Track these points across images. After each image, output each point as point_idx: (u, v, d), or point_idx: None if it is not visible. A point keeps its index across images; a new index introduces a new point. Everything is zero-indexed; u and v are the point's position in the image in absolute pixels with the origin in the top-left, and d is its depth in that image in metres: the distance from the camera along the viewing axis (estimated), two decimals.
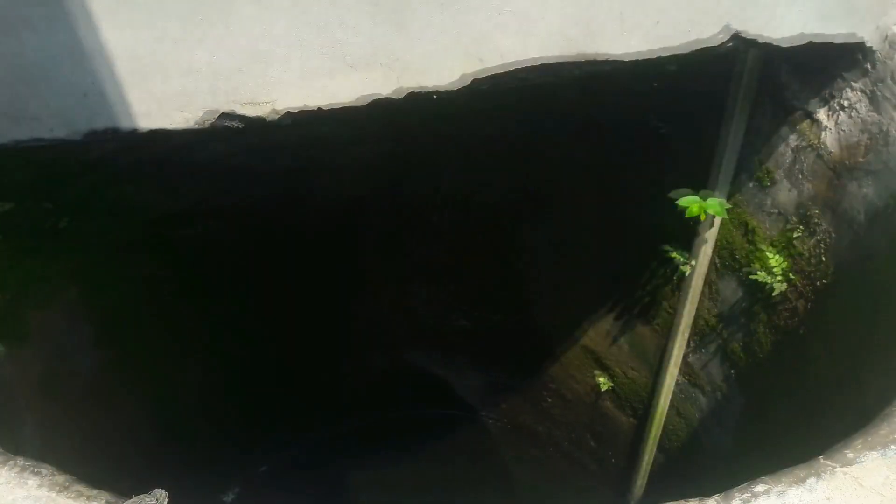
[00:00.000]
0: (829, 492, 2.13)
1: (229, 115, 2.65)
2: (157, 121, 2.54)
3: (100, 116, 2.44)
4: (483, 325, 6.82)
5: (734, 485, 4.68)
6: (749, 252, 4.58)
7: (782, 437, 4.57)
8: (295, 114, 2.76)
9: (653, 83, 4.15)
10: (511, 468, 7.29)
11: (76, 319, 4.21)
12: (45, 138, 2.40)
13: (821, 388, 4.18)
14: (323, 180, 5.18)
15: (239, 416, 6.33)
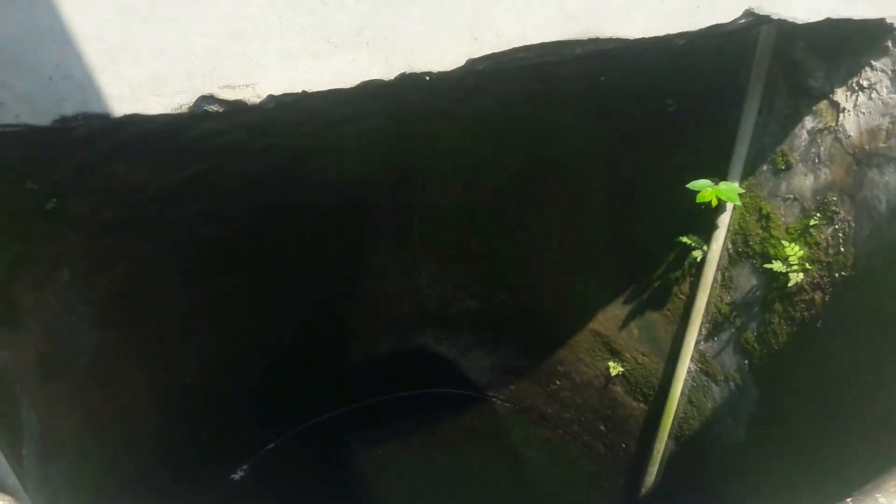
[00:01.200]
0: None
1: (207, 98, 2.52)
2: (130, 105, 2.41)
3: (68, 102, 2.31)
4: (490, 306, 6.70)
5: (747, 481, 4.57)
6: (763, 239, 4.38)
7: (798, 433, 4.42)
8: (278, 97, 2.61)
9: (662, 61, 3.94)
10: (519, 450, 7.20)
11: (72, 301, 4.16)
12: (10, 124, 2.28)
13: (840, 385, 4.01)
14: (323, 158, 5.05)
15: (245, 395, 6.31)
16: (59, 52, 2.22)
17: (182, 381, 5.50)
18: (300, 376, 6.65)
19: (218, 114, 2.62)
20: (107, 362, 4.55)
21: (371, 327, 6.69)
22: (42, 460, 3.71)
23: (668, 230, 5.06)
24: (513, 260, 6.36)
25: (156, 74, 2.39)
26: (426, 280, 6.51)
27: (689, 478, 5.76)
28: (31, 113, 2.30)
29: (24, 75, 2.23)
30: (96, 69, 2.31)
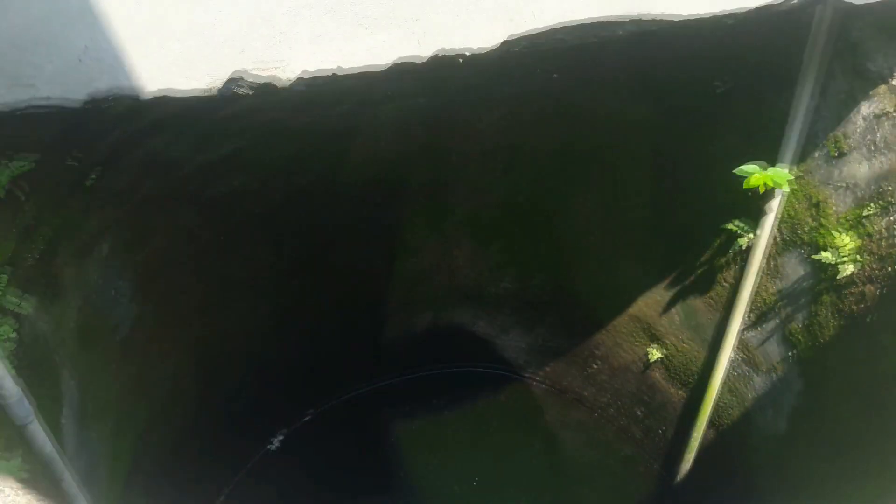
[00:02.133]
0: None
1: (236, 80, 2.49)
2: (159, 86, 2.41)
3: (98, 82, 2.32)
4: (528, 287, 6.62)
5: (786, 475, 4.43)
6: (814, 228, 4.19)
7: (842, 430, 4.26)
8: (308, 80, 2.57)
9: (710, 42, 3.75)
10: (554, 431, 7.17)
11: (111, 274, 4.23)
12: (42, 105, 2.29)
13: (889, 383, 3.84)
14: (361, 137, 5.01)
15: (282, 367, 6.39)
16: (88, 33, 2.22)
17: (220, 352, 5.59)
18: (337, 350, 6.71)
19: (249, 94, 2.59)
20: (145, 334, 4.64)
21: (408, 304, 6.69)
22: (80, 429, 3.82)
23: (714, 215, 4.90)
24: (552, 242, 6.26)
25: (185, 55, 2.37)
26: (463, 259, 6.46)
27: (726, 467, 5.65)
28: (61, 93, 2.31)
29: (54, 56, 2.23)
30: (126, 50, 2.30)
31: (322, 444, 6.86)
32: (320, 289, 6.06)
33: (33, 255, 3.52)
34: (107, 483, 4.16)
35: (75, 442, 3.70)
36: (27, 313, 3.31)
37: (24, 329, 3.35)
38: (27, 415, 2.99)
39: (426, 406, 7.25)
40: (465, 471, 6.81)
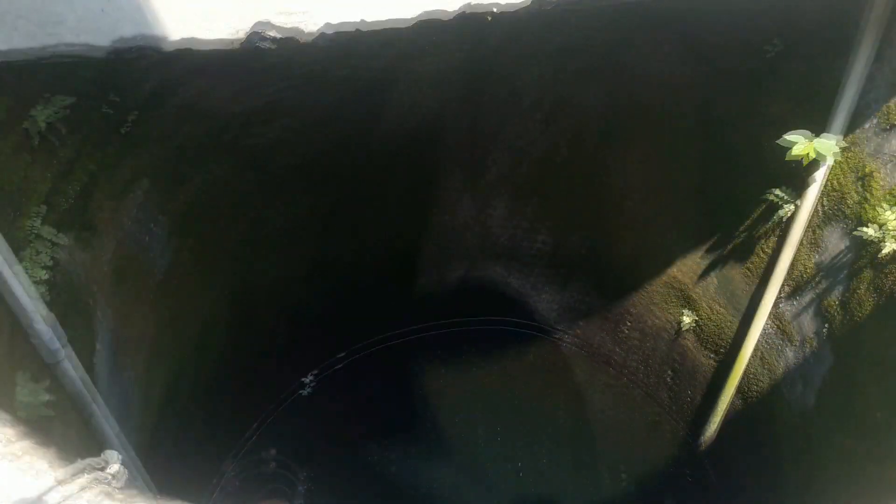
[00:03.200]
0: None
1: (259, 33, 2.47)
2: (183, 35, 2.40)
3: (121, 31, 2.32)
4: (563, 246, 6.56)
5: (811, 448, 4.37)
6: (860, 201, 4.03)
7: (871, 410, 4.16)
8: (331, 35, 2.53)
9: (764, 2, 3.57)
10: (582, 390, 7.18)
11: (149, 214, 4.32)
12: (67, 52, 2.31)
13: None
14: (399, 91, 4.95)
15: (316, 313, 6.50)
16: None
17: (254, 296, 5.71)
18: (370, 299, 6.79)
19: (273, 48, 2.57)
20: (181, 274, 4.75)
21: (441, 258, 6.70)
22: (113, 367, 3.96)
23: (757, 183, 4.74)
24: (590, 202, 6.16)
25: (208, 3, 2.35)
26: (498, 217, 6.41)
27: (752, 437, 5.60)
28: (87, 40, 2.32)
29: (77, 5, 2.24)
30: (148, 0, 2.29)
31: (352, 388, 7.02)
32: (355, 239, 6.10)
33: (69, 196, 3.61)
34: (139, 419, 4.34)
35: (108, 380, 3.84)
36: (61, 255, 3.41)
37: (58, 269, 3.46)
38: (58, 352, 3.10)
39: (455, 359, 7.32)
40: (490, 423, 6.90)
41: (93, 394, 3.42)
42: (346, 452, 6.57)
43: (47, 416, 2.73)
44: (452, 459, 6.64)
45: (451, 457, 6.66)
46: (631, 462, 6.82)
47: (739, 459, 5.86)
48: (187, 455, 5.25)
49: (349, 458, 6.54)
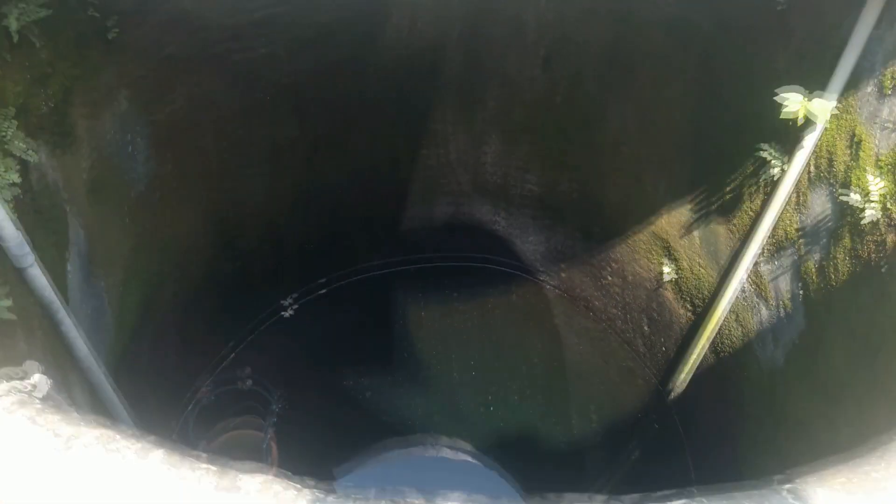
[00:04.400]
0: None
1: None
2: None
3: None
4: (554, 190, 6.52)
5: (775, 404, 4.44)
6: (849, 167, 3.98)
7: (834, 372, 4.22)
8: None
9: None
10: (561, 334, 7.27)
11: (129, 131, 4.26)
12: None
13: (889, 334, 3.75)
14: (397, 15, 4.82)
15: (300, 238, 6.50)
16: None
17: (237, 219, 5.69)
18: (355, 230, 6.79)
19: None
20: (161, 191, 4.72)
21: (429, 194, 6.66)
22: (87, 277, 3.97)
23: (751, 140, 4.67)
24: (584, 147, 6.08)
25: None
26: (490, 156, 6.34)
27: (720, 391, 5.71)
28: None
29: None
30: None
31: (332, 314, 7.09)
32: (342, 168, 6.05)
33: (48, 103, 3.55)
34: (114, 331, 4.38)
35: (81, 290, 3.86)
36: (36, 161, 3.37)
37: (32, 176, 3.43)
38: (26, 258, 3.10)
39: (438, 294, 7.38)
40: (466, 357, 7.02)
41: (63, 302, 3.44)
42: (321, 375, 6.70)
43: (9, 319, 2.74)
44: (426, 390, 6.78)
45: (426, 387, 6.79)
46: (601, 405, 6.97)
47: (706, 412, 5.99)
48: (163, 372, 5.34)
49: (325, 382, 6.67)
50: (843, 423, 3.92)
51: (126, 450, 1.80)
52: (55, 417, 1.85)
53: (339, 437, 6.43)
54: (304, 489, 1.79)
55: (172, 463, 1.79)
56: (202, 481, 1.77)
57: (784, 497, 1.72)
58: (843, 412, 3.96)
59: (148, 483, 1.75)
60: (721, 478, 5.64)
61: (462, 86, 5.73)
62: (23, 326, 2.94)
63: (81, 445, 1.79)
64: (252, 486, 1.78)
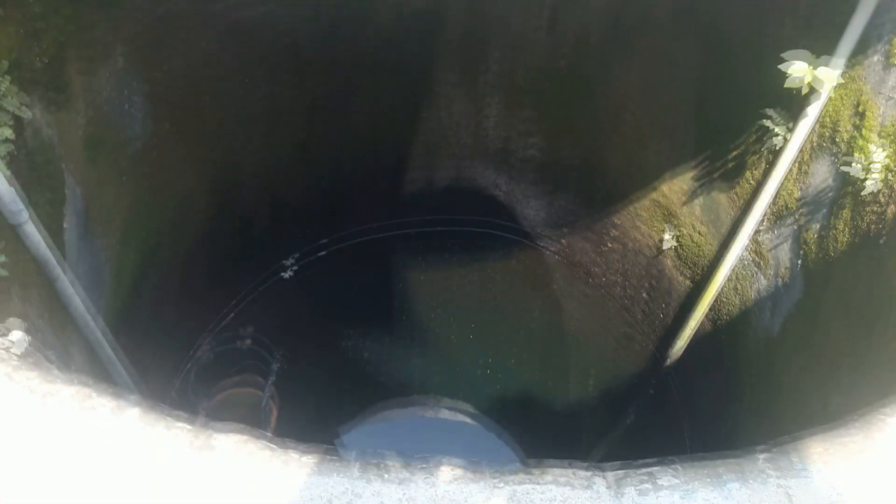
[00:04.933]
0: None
1: None
2: None
3: None
4: (555, 156, 6.47)
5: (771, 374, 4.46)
6: (852, 137, 3.93)
7: (828, 342, 4.24)
8: None
9: None
10: (560, 300, 7.29)
11: (125, 89, 4.23)
12: None
13: (885, 307, 3.74)
14: None
15: (300, 201, 6.49)
16: None
17: (236, 179, 5.67)
18: (355, 193, 6.76)
19: None
20: (159, 151, 4.70)
21: (430, 158, 6.61)
22: (84, 234, 3.98)
23: (754, 108, 4.60)
24: (587, 112, 6.01)
25: None
26: (492, 120, 6.28)
27: (716, 359, 5.73)
28: None
29: None
30: None
31: (332, 279, 7.11)
32: (342, 129, 6.00)
33: (41, 59, 3.51)
34: (111, 289, 4.41)
35: (78, 247, 3.87)
36: (30, 117, 3.35)
37: (27, 132, 3.41)
38: (21, 214, 3.11)
39: (438, 258, 7.38)
40: (466, 321, 7.06)
41: (58, 259, 3.46)
42: (321, 336, 6.76)
43: (2, 275, 2.76)
44: (425, 352, 6.84)
45: (424, 349, 6.85)
46: (599, 371, 7.03)
47: (702, 380, 6.02)
48: (162, 330, 5.38)
49: (324, 342, 6.74)
50: (836, 392, 3.94)
51: (102, 407, 1.82)
52: (32, 374, 1.86)
53: (338, 396, 6.52)
54: (278, 449, 1.81)
55: (148, 421, 1.81)
56: (178, 439, 1.79)
57: (760, 465, 1.74)
58: (837, 382, 3.98)
59: (122, 440, 1.77)
60: (716, 444, 5.71)
61: (464, 47, 5.65)
62: (17, 283, 2.95)
63: (57, 402, 1.82)
64: (227, 445, 1.80)
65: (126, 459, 1.74)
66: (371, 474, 1.76)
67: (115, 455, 1.75)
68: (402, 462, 1.75)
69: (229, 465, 1.76)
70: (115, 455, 1.75)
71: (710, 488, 1.69)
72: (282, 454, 1.79)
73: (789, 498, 1.68)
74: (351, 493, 1.73)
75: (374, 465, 1.77)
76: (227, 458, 1.77)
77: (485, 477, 1.75)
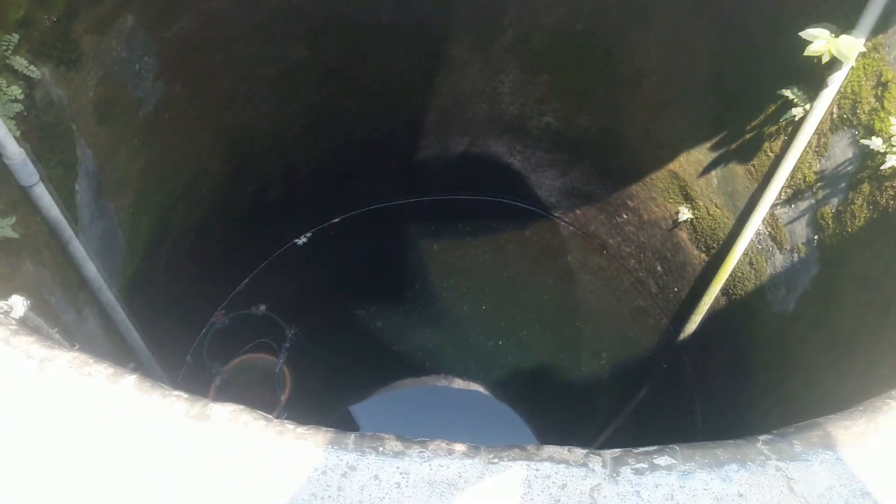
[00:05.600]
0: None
1: None
2: None
3: None
4: (571, 126, 6.37)
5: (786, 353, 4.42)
6: (873, 110, 3.82)
7: (844, 321, 4.17)
8: None
9: None
10: (573, 272, 7.25)
11: (136, 49, 4.20)
12: None
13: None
14: None
15: (314, 168, 6.48)
16: None
17: (248, 145, 5.66)
18: (369, 161, 6.74)
19: None
20: (171, 114, 4.69)
21: (444, 126, 6.55)
22: (97, 197, 4.00)
23: (774, 78, 4.49)
24: (604, 80, 5.90)
25: None
26: (507, 87, 6.18)
27: (730, 335, 5.68)
28: None
29: None
30: None
31: (345, 248, 7.13)
32: (355, 95, 5.95)
33: (50, 17, 3.50)
34: (125, 253, 4.44)
35: (90, 210, 3.90)
36: (39, 77, 3.35)
37: (36, 93, 3.41)
38: (32, 176, 3.12)
39: (451, 228, 7.36)
40: (478, 292, 7.04)
41: (71, 221, 3.48)
42: (334, 303, 6.80)
43: (13, 237, 2.78)
44: (437, 324, 6.84)
45: (437, 321, 6.85)
46: (612, 345, 6.99)
47: (716, 356, 5.98)
48: (176, 295, 5.43)
49: (337, 309, 6.77)
50: (850, 373, 3.88)
51: (98, 374, 1.83)
52: (29, 339, 1.88)
53: (350, 364, 6.56)
54: (273, 420, 1.82)
55: (143, 389, 1.82)
56: (172, 408, 1.80)
57: (759, 449, 1.71)
58: (851, 363, 3.92)
59: (118, 407, 1.78)
60: (727, 421, 5.68)
61: (479, 10, 5.54)
62: (29, 246, 2.98)
63: (55, 368, 1.83)
64: (222, 414, 1.81)
65: (122, 426, 1.76)
66: (366, 447, 1.76)
67: (113, 422, 1.76)
68: (403, 444, 1.75)
69: (224, 433, 1.77)
70: (113, 422, 1.76)
71: (707, 470, 1.66)
72: (277, 425, 1.79)
73: (788, 481, 1.65)
74: (346, 465, 1.73)
75: (369, 437, 1.78)
76: (222, 426, 1.78)
77: (480, 453, 1.74)
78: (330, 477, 1.70)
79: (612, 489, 1.61)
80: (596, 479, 1.65)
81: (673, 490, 1.61)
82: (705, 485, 1.65)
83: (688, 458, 1.67)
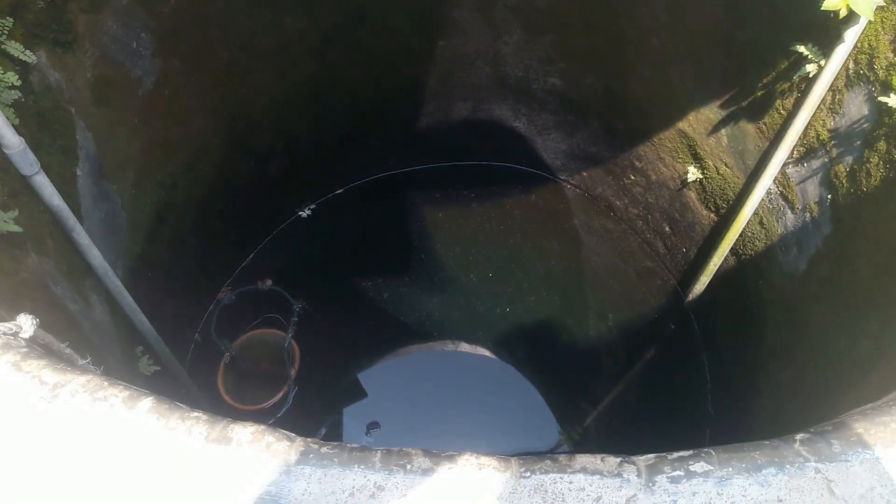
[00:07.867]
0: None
1: None
2: None
3: None
4: (577, 86, 6.24)
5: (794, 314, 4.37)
6: (891, 66, 3.72)
7: (856, 283, 4.12)
8: None
9: None
10: (580, 234, 7.20)
11: (133, 26, 4.09)
12: None
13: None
14: None
15: (316, 139, 6.38)
16: None
17: (249, 118, 5.56)
18: (371, 129, 6.63)
19: None
20: (170, 91, 4.60)
21: (446, 91, 6.42)
22: (99, 180, 3.93)
23: (787, 33, 4.37)
24: (611, 38, 5.75)
25: None
26: (511, 48, 6.04)
27: (739, 296, 5.65)
28: None
29: None
30: None
31: (350, 219, 7.07)
32: (354, 64, 5.82)
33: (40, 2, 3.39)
34: (128, 234, 4.39)
35: (92, 193, 3.83)
36: (35, 61, 3.26)
37: (32, 78, 3.32)
38: (32, 165, 3.05)
39: (456, 195, 7.29)
40: (485, 261, 7.00)
41: (74, 208, 3.42)
42: (340, 274, 6.77)
43: (16, 231, 2.72)
44: (444, 292, 6.82)
45: (443, 289, 6.83)
46: (619, 307, 6.98)
47: (724, 317, 5.97)
48: (182, 274, 5.39)
49: (343, 280, 6.74)
50: (864, 336, 3.85)
51: (114, 398, 1.77)
52: (40, 363, 1.81)
53: (358, 335, 6.56)
54: (297, 440, 1.76)
55: (161, 413, 1.76)
56: (192, 432, 1.74)
57: (797, 450, 1.66)
58: (865, 325, 3.89)
59: (135, 436, 1.73)
60: (737, 383, 5.69)
61: None
62: (33, 237, 2.93)
63: (68, 393, 1.77)
64: (244, 436, 1.75)
65: (140, 456, 1.69)
66: (393, 464, 1.71)
67: (131, 451, 1.69)
68: (432, 461, 1.71)
69: (247, 458, 1.72)
70: (131, 451, 1.69)
71: (745, 475, 1.62)
72: (301, 445, 1.74)
73: (828, 483, 1.61)
74: (373, 485, 1.68)
75: (396, 454, 1.73)
76: (244, 449, 1.73)
77: (510, 466, 1.70)
78: (357, 499, 1.66)
79: (648, 499, 1.57)
80: (631, 489, 1.60)
81: (711, 497, 1.57)
82: (743, 490, 1.62)
83: (724, 463, 1.63)
